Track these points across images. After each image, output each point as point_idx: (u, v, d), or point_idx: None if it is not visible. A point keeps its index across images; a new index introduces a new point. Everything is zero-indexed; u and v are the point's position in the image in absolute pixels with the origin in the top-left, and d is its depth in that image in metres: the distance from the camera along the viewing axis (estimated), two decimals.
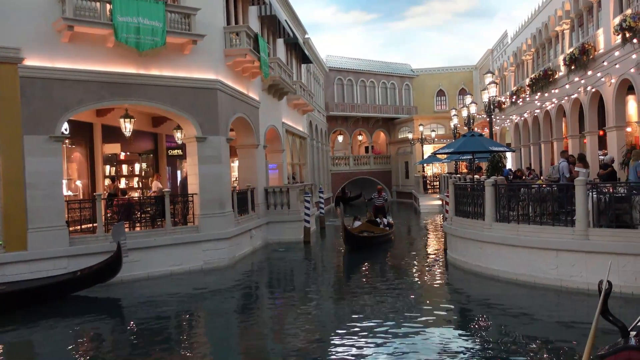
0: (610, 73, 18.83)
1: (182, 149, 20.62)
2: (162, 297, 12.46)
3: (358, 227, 19.98)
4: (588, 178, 12.92)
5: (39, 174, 12.93)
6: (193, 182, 16.07)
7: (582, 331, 8.33)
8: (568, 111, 23.84)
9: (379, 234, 19.60)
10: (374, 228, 20.14)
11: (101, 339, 9.92)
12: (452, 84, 50.23)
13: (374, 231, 19.85)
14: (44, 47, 13.07)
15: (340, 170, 45.56)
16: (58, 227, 13.12)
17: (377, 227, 20.30)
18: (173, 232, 15.08)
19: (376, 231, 19.90)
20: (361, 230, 19.68)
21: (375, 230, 19.95)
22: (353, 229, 19.42)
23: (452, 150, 18.09)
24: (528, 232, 12.14)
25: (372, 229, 20.09)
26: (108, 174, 18.15)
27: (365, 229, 20.02)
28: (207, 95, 15.77)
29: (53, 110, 13.23)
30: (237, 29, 17.07)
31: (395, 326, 9.41)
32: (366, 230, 19.88)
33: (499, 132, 37.64)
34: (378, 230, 20.04)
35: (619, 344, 4.73)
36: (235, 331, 10.12)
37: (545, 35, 27.83)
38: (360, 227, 20.06)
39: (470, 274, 13.34)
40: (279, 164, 24.86)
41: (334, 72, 45.60)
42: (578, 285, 10.94)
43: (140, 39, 13.68)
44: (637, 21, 16.11)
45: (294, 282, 15.04)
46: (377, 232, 19.84)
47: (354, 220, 20.85)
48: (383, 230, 20.14)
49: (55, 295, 11.95)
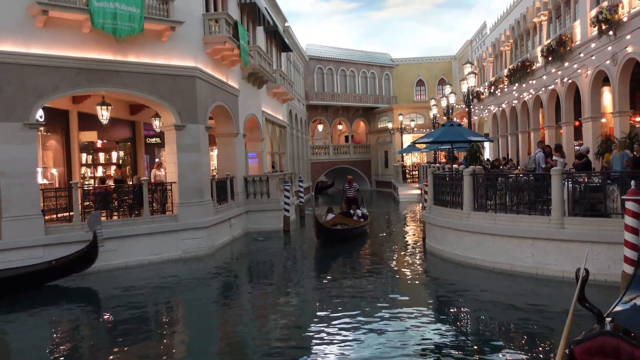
0: (586, 65, 19.09)
1: (160, 137, 20.40)
2: (140, 286, 12.35)
3: (331, 219, 19.29)
4: (564, 168, 13.12)
5: (13, 162, 12.67)
6: (171, 171, 15.92)
7: (558, 317, 8.49)
8: (545, 102, 24.13)
9: (352, 226, 18.84)
10: (347, 220, 19.47)
11: (78, 328, 9.81)
12: (432, 74, 50.44)
13: (348, 223, 19.14)
14: (17, 32, 12.75)
15: (320, 159, 45.55)
16: (33, 216, 12.89)
17: (351, 219, 19.64)
18: (151, 221, 14.93)
19: (350, 223, 19.20)
20: (334, 223, 18.92)
21: (349, 222, 19.22)
22: (326, 221, 18.81)
23: (431, 140, 18.18)
24: (505, 221, 12.30)
25: (346, 221, 19.39)
26: (85, 161, 17.88)
27: (339, 221, 19.30)
28: (185, 83, 15.59)
29: (27, 97, 12.94)
30: (216, 16, 16.87)
31: (373, 315, 9.46)
32: (340, 222, 19.16)
33: (478, 122, 37.98)
34: (352, 222, 19.36)
35: (595, 330, 4.83)
36: (214, 320, 10.08)
37: (524, 27, 28.07)
38: (334, 219, 19.36)
39: (449, 263, 13.49)
40: (259, 152, 24.75)
41: (314, 61, 45.43)
42: (553, 273, 11.13)
43: (117, 24, 13.43)
44: (613, 13, 16.34)
45: (273, 271, 15.03)
46: (351, 224, 19.13)
47: (327, 213, 20.22)
48: (357, 222, 19.44)
49: (30, 284, 11.75)
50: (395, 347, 7.77)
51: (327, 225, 18.11)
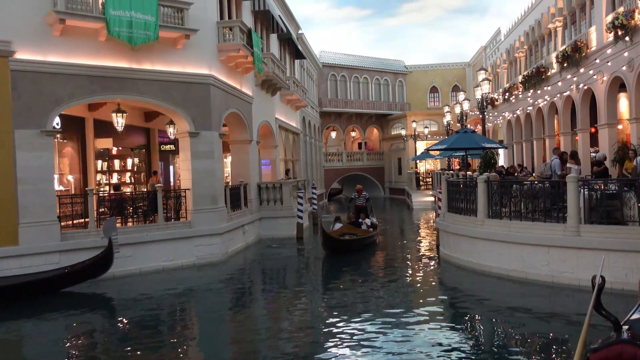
0: (602, 71, 18.91)
1: (174, 144, 20.55)
2: (154, 292, 12.42)
3: (339, 229, 18.58)
4: (580, 175, 12.99)
5: (30, 168, 12.84)
6: (186, 178, 16.02)
7: (574, 326, 8.39)
8: (560, 108, 23.93)
9: (361, 236, 17.99)
10: (355, 230, 18.65)
11: (92, 334, 9.87)
12: (446, 81, 50.31)
13: (357, 233, 18.34)
14: (35, 40, 12.95)
15: (333, 166, 45.56)
16: (49, 222, 13.03)
17: (360, 228, 18.84)
18: (165, 228, 15.02)
19: (358, 233, 18.39)
20: (342, 233, 18.14)
21: (357, 232, 18.44)
22: (333, 231, 18.13)
23: (445, 147, 18.07)
24: (520, 228, 12.19)
25: (354, 230, 18.60)
26: (100, 168, 18.08)
27: (347, 231, 18.50)
28: (200, 90, 15.71)
29: (44, 105, 13.12)
30: (230, 24, 16.99)
31: (387, 322, 9.42)
32: (347, 232, 18.37)
33: (492, 129, 37.74)
34: (360, 232, 18.56)
35: (611, 338, 4.76)
36: (228, 327, 10.11)
37: (538, 33, 27.91)
38: (342, 229, 18.63)
39: (463, 270, 13.39)
40: (272, 159, 24.83)
41: (327, 68, 45.55)
42: (569, 281, 11.01)
43: (133, 33, 13.58)
44: (629, 19, 16.18)
45: (287, 278, 15.04)
46: (360, 234, 18.33)
47: (335, 222, 19.63)
48: (365, 232, 18.63)
49: (46, 290, 11.88)
50: (410, 354, 7.73)
51: (334, 235, 17.40)
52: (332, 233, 17.60)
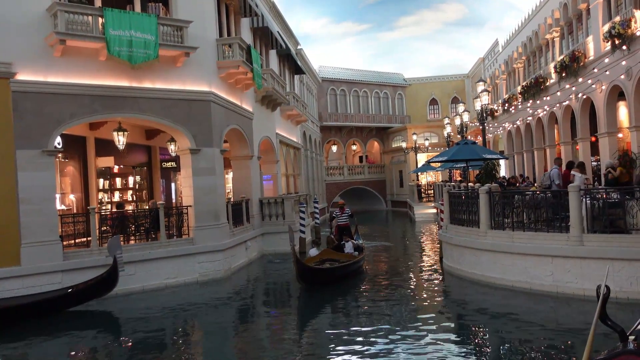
0: (600, 80, 18.99)
1: (175, 161, 20.59)
2: (158, 310, 12.37)
3: (317, 255, 15.58)
4: (584, 184, 12.95)
5: (32, 188, 12.86)
6: (187, 194, 16.02)
7: (579, 336, 8.33)
8: (560, 118, 23.98)
9: (344, 263, 14.97)
10: (338, 255, 15.76)
11: (96, 353, 9.81)
12: (445, 93, 50.48)
13: (339, 259, 15.41)
14: (36, 61, 13.05)
15: (334, 180, 45.56)
16: (52, 242, 13.02)
17: (342, 253, 16.01)
18: (168, 245, 15.00)
19: (341, 258, 15.46)
20: (321, 260, 15.23)
21: (340, 258, 15.51)
22: (310, 258, 15.31)
23: (446, 159, 18.11)
24: (523, 238, 12.15)
25: (336, 256, 15.68)
26: (102, 187, 18.10)
27: (327, 256, 15.55)
28: (200, 107, 15.77)
29: (45, 125, 13.18)
30: (229, 41, 17.11)
31: (392, 336, 9.36)
32: (328, 258, 15.41)
33: (492, 140, 37.80)
34: (343, 257, 15.64)
35: (617, 349, 4.72)
36: (231, 345, 10.05)
37: (536, 43, 28.06)
38: (320, 254, 15.66)
39: (467, 282, 13.33)
40: (274, 174, 24.84)
41: (327, 82, 45.75)
42: (574, 291, 10.94)
43: (133, 52, 13.68)
44: (626, 28, 16.28)
45: (290, 293, 14.93)
46: (343, 259, 15.39)
47: (312, 246, 16.99)
48: (349, 256, 15.74)
49: (50, 310, 11.83)
50: None
51: (311, 263, 14.60)
52: (308, 260, 14.84)
